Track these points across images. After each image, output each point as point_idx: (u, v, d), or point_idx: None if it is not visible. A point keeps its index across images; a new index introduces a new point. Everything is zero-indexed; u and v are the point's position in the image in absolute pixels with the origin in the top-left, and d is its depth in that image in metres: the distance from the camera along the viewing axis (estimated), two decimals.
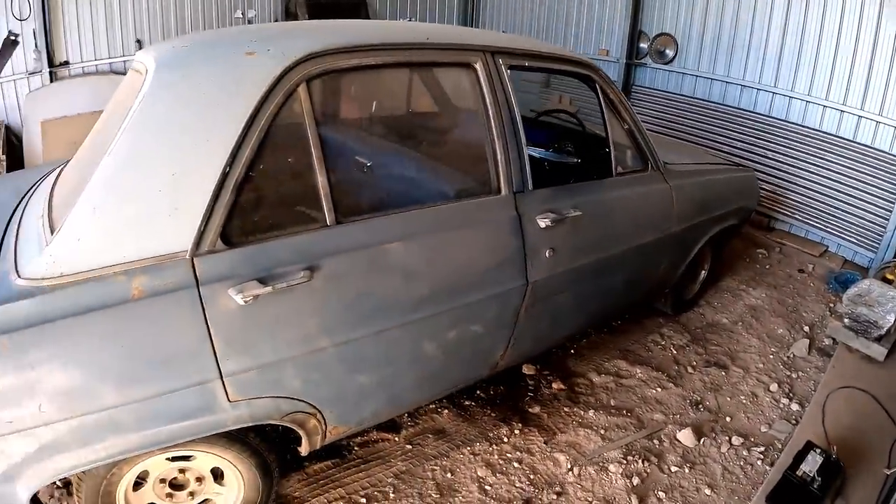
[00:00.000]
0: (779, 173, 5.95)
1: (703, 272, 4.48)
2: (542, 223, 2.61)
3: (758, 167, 5.82)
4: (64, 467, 1.90)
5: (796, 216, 5.94)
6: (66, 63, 6.61)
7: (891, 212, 5.15)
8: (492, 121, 2.50)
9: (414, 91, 3.09)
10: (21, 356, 1.72)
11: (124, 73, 6.87)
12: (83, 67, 6.72)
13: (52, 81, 6.50)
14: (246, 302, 1.88)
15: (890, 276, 4.76)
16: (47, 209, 2.13)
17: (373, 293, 2.21)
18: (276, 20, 7.43)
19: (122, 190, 1.83)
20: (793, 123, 5.76)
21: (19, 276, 1.81)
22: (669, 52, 6.79)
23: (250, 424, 2.14)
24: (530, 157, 2.74)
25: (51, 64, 6.48)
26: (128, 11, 6.78)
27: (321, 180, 2.05)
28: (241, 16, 7.30)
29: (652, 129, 6.83)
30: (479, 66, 2.48)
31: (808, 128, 5.66)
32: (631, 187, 3.20)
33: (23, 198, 2.59)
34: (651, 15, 6.92)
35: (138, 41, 6.82)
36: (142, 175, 1.84)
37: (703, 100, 6.51)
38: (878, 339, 3.79)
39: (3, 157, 5.97)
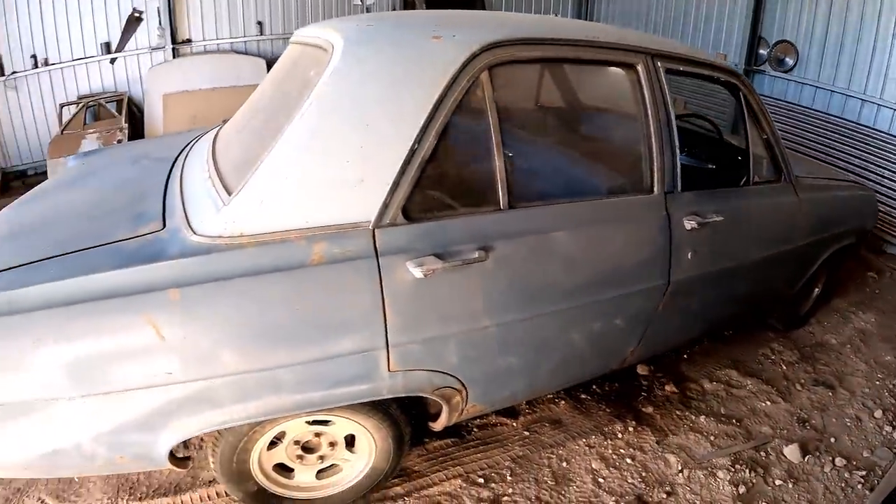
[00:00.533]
0: (894, 195, 5.76)
1: (817, 290, 4.40)
2: (688, 225, 2.64)
3: (874, 186, 5.58)
4: (214, 422, 2.01)
5: None
6: (189, 41, 6.92)
7: None
8: (650, 122, 2.54)
9: (579, 87, 3.13)
10: (190, 309, 1.83)
11: (245, 53, 7.27)
12: (205, 45, 7.03)
13: (174, 58, 6.81)
14: (425, 275, 1.96)
15: None
16: (215, 172, 2.24)
17: (536, 278, 2.29)
18: (394, 9, 7.58)
19: (309, 158, 1.93)
20: None
21: (194, 233, 1.92)
22: (789, 61, 6.60)
23: (402, 395, 2.24)
24: None
25: (174, 41, 6.80)
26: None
27: (498, 165, 2.13)
28: (359, 2, 7.46)
29: None
30: (640, 68, 2.53)
31: None
32: (765, 197, 3.19)
33: (174, 163, 2.73)
34: (772, 21, 6.73)
35: (259, 23, 7.08)
36: (330, 145, 1.95)
37: (822, 112, 6.29)
38: None
39: (126, 125, 6.28)
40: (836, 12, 6.01)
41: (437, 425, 2.55)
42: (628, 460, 3.00)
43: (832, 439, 3.32)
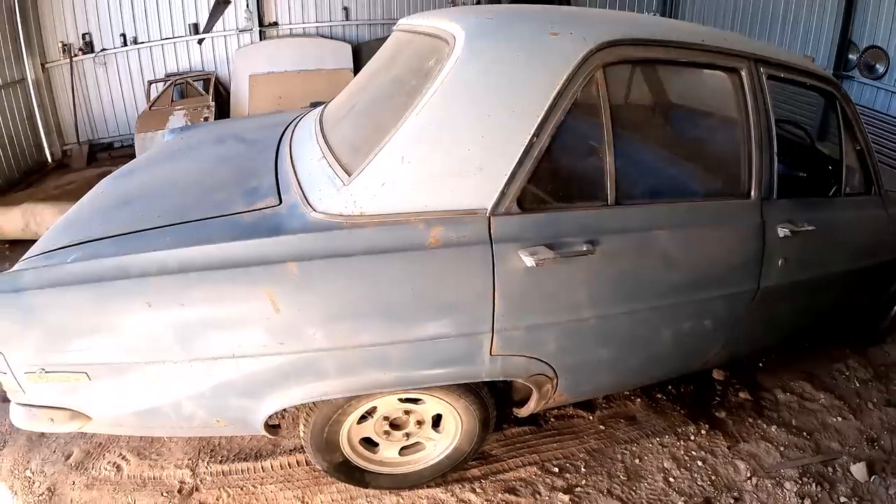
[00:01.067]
0: None
1: None
2: (782, 232, 2.66)
3: None
4: (316, 393, 2.13)
5: None
6: (275, 24, 7.11)
7: None
8: (751, 127, 2.57)
9: (684, 89, 3.19)
10: (308, 284, 1.93)
11: (330, 38, 7.40)
12: (290, 29, 7.21)
13: (261, 40, 7.00)
14: (538, 265, 2.03)
15: None
16: (329, 153, 2.34)
17: (637, 274, 2.35)
18: (479, 1, 7.65)
19: (431, 144, 2.02)
20: None
21: (314, 210, 2.02)
22: (880, 68, 6.43)
23: (500, 379, 2.32)
24: None
25: (260, 24, 6.99)
26: None
27: (609, 163, 2.20)
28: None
29: None
30: (744, 73, 2.56)
31: None
32: (855, 209, 3.19)
33: (280, 141, 2.84)
34: (862, 25, 6.57)
35: (345, 9, 7.23)
36: (452, 133, 2.03)
37: None
38: None
39: (213, 103, 6.49)
40: None
41: (524, 411, 2.63)
42: (699, 462, 3.05)
43: None
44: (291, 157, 2.55)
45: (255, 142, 2.94)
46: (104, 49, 6.99)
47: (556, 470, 2.90)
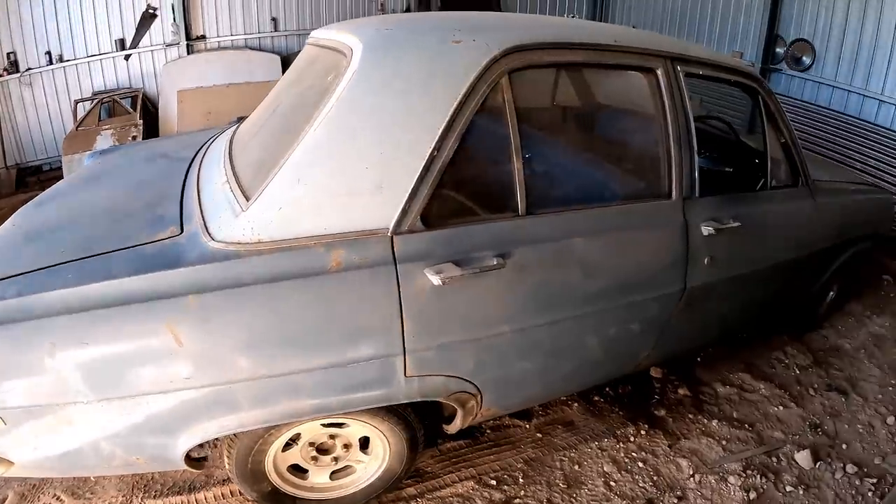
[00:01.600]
0: None
1: (832, 294, 4.38)
2: (706, 231, 2.63)
3: (890, 188, 5.53)
4: (231, 426, 2.03)
5: None
6: (203, 37, 6.95)
7: None
8: (669, 127, 2.53)
9: (599, 91, 3.14)
10: (209, 316, 1.84)
11: (259, 49, 7.28)
12: (219, 42, 7.05)
13: (188, 54, 6.83)
14: (444, 283, 1.96)
15: None
16: (232, 176, 2.24)
17: (553, 284, 2.29)
18: (408, 6, 7.56)
19: (328, 163, 1.93)
20: None
21: (212, 239, 1.93)
22: (806, 60, 6.55)
23: (418, 400, 2.24)
24: None
25: (188, 37, 6.82)
26: None
27: (517, 171, 2.13)
28: (381, 6, 7.46)
29: None
30: (660, 72, 2.51)
31: None
32: (783, 202, 3.18)
33: (190, 164, 2.73)
34: (789, 19, 6.68)
35: (273, 19, 7.10)
36: (349, 151, 1.95)
37: (838, 112, 6.25)
38: None
39: (140, 121, 6.31)
40: (854, 11, 5.96)
41: (451, 428, 2.56)
42: (640, 464, 3.00)
43: (844, 446, 3.31)
44: (198, 182, 2.45)
45: (171, 164, 2.82)
46: (30, 68, 6.76)
47: (494, 482, 2.83)
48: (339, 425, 2.38)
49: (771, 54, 6.91)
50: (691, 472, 2.98)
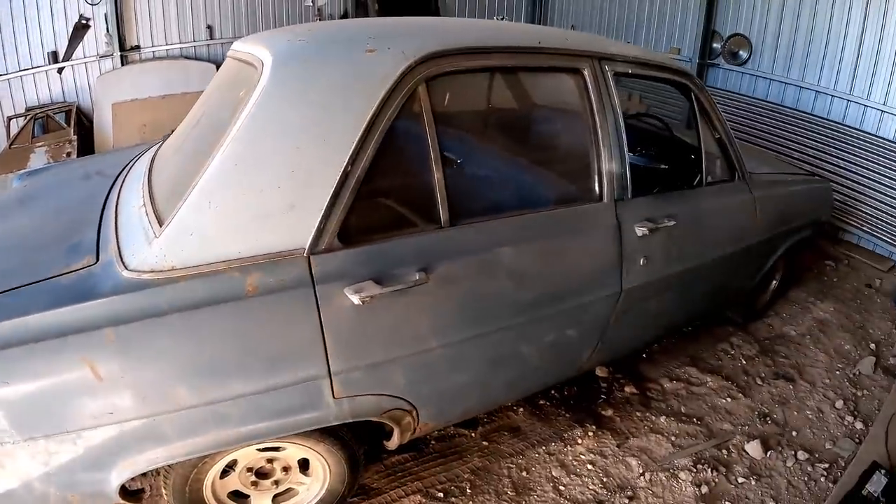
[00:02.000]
0: (850, 183, 5.75)
1: (775, 283, 4.40)
2: (640, 231, 2.59)
3: (829, 176, 5.66)
4: (160, 458, 1.94)
5: (865, 229, 5.74)
6: (137, 47, 6.73)
7: None
8: (598, 128, 2.49)
9: (523, 95, 3.08)
10: (126, 348, 1.74)
11: (195, 59, 7.11)
12: (154, 52, 6.84)
13: (123, 65, 6.61)
14: (363, 302, 1.88)
15: None
16: (149, 199, 2.13)
17: (483, 296, 2.22)
18: (346, 11, 7.45)
19: (239, 185, 1.84)
20: (866, 133, 5.56)
21: (126, 268, 1.82)
22: (743, 54, 6.57)
23: (350, 421, 2.17)
24: None
25: (122, 48, 6.60)
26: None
27: (438, 182, 2.06)
28: (311, 4, 7.32)
29: None
30: (587, 73, 2.47)
31: (882, 138, 5.45)
32: (719, 197, 3.17)
33: (112, 185, 2.60)
34: (725, 14, 6.70)
35: (209, 27, 6.91)
36: (260, 170, 1.85)
37: (776, 104, 6.30)
38: None
39: (75, 137, 6.11)
40: (790, 5, 6.00)
41: (391, 445, 2.48)
42: (589, 466, 2.96)
43: (794, 433, 3.32)
44: (117, 205, 2.33)
45: (95, 185, 2.68)
46: None
47: (441, 495, 2.76)
48: (276, 449, 2.29)
49: (708, 50, 6.94)
50: (641, 471, 2.95)
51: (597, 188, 2.53)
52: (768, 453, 3.13)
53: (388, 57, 1.99)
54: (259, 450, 2.26)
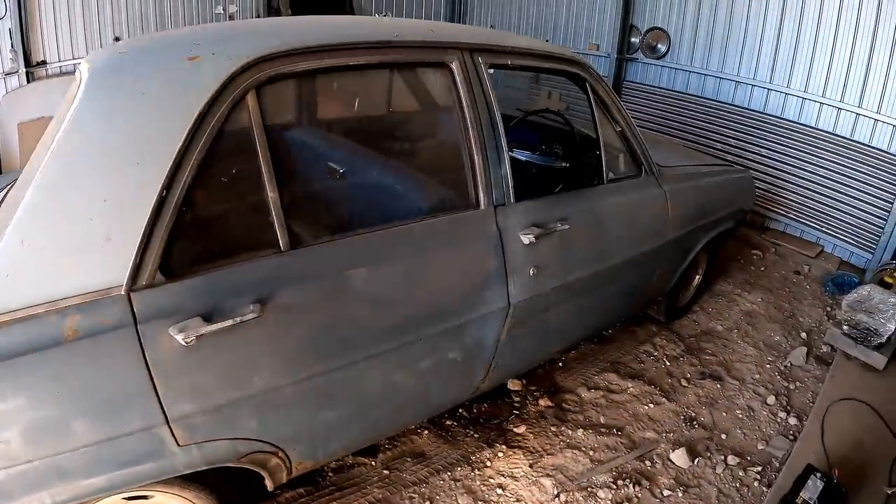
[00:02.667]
0: (774, 171, 5.74)
1: (698, 277, 4.25)
2: (526, 239, 2.37)
3: (752, 165, 5.63)
4: None
5: (791, 216, 5.73)
6: (44, 63, 6.33)
7: (888, 212, 4.97)
8: (469, 127, 2.25)
9: (381, 96, 2.83)
10: None
11: None
12: (61, 67, 6.43)
13: (28, 82, 6.22)
14: (187, 343, 1.64)
15: (889, 280, 4.59)
16: None
17: (335, 325, 1.96)
18: (259, 16, 7.14)
19: (51, 219, 1.59)
20: (788, 121, 5.55)
21: None
22: (662, 47, 6.53)
23: (204, 468, 1.91)
24: (515, 160, 2.49)
25: (27, 64, 6.20)
26: (106, 9, 6.48)
27: (273, 201, 1.80)
28: (222, 11, 7.02)
29: (643, 126, 6.61)
30: (455, 66, 2.23)
31: (803, 125, 5.44)
32: (624, 194, 2.97)
33: None
34: (642, 8, 6.65)
35: (116, 38, 6.54)
36: (71, 201, 1.60)
37: (696, 96, 6.27)
38: (878, 348, 3.59)
39: None
40: None
41: (269, 486, 2.23)
42: (499, 491, 2.73)
43: (723, 436, 3.15)
44: None
45: None
46: None
47: None
48: (144, 497, 2.01)
49: (626, 44, 6.87)
50: (556, 492, 2.74)
51: (472, 194, 2.29)
52: (696, 461, 2.95)
53: (210, 63, 1.74)
54: (126, 499, 1.98)
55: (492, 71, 2.34)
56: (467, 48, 2.28)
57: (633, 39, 6.82)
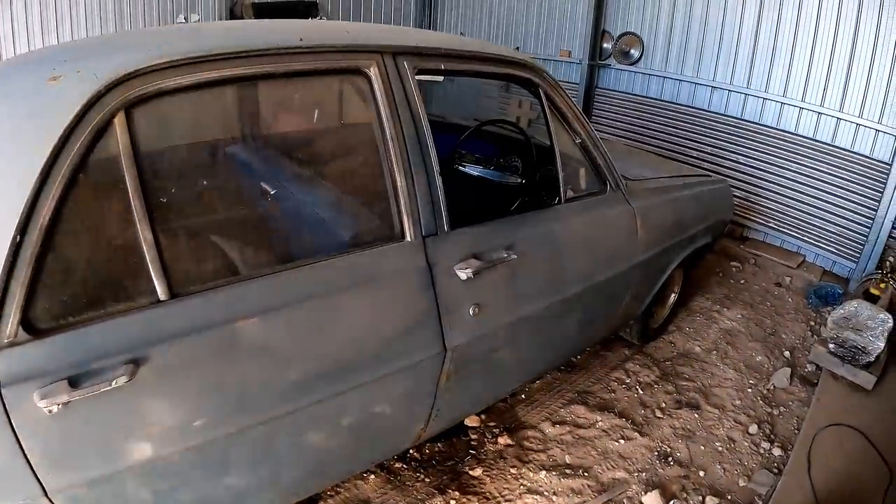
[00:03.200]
0: (752, 179, 5.54)
1: (674, 295, 3.99)
2: (463, 274, 2.07)
3: (730, 173, 5.45)
4: None
5: (771, 224, 5.54)
6: None
7: (871, 219, 4.78)
8: (391, 144, 1.94)
9: (284, 111, 2.48)
10: None
11: None
12: None
13: None
14: (50, 412, 1.37)
15: (875, 291, 4.38)
16: None
17: (225, 386, 1.66)
18: (220, 18, 6.87)
19: None
20: (767, 127, 5.36)
21: None
22: (635, 53, 6.34)
23: None
24: (466, 178, 2.18)
25: None
26: (65, 16, 6.22)
27: (147, 241, 1.51)
28: (184, 21, 6.76)
29: (616, 135, 6.51)
30: (373, 72, 1.93)
31: (783, 131, 5.26)
32: (585, 214, 2.69)
33: None
34: (615, 13, 6.45)
35: None
36: None
37: (671, 102, 6.08)
38: (867, 367, 3.41)
39: None
40: (682, 1, 5.80)
41: None
42: None
43: (701, 473, 2.90)
44: None
45: None
46: None
47: None
48: None
49: (599, 50, 6.67)
50: None
51: (396, 224, 1.99)
52: (671, 502, 2.67)
53: (72, 83, 1.45)
54: None
55: (419, 77, 2.05)
56: (389, 51, 1.98)
57: (605, 45, 6.63)
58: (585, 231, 2.70)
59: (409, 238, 1.98)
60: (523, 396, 3.32)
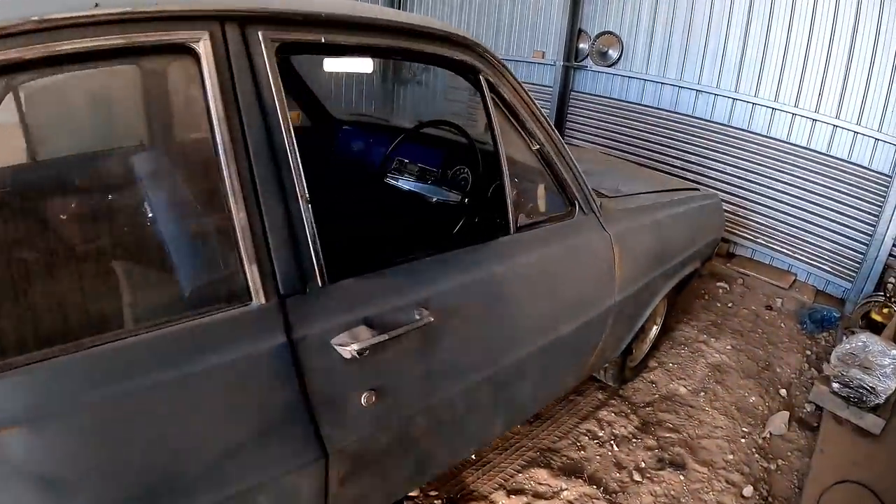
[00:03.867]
0: (740, 191, 4.85)
1: (655, 328, 3.19)
2: (346, 352, 1.24)
3: (716, 184, 4.76)
4: None
5: (760, 240, 4.84)
6: None
7: (870, 235, 4.12)
8: (226, 157, 1.12)
9: (65, 120, 1.38)
10: None
11: None
12: None
13: None
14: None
15: (877, 317, 3.69)
16: None
17: None
18: None
19: None
20: (756, 134, 4.68)
21: None
22: (613, 54, 5.62)
23: None
24: (397, 193, 1.40)
25: None
26: None
27: None
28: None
29: (593, 142, 5.78)
30: (202, 49, 1.11)
31: (774, 139, 4.58)
32: (545, 246, 1.88)
33: None
34: (592, 11, 5.73)
35: None
36: None
37: (652, 107, 5.38)
38: (874, 409, 2.78)
39: None
40: None
41: None
42: None
43: None
44: None
45: None
46: None
47: None
48: None
49: (574, 51, 5.95)
50: None
51: (238, 279, 1.16)
52: None
53: None
54: None
55: (280, 56, 1.21)
56: (232, 17, 1.15)
57: (581, 45, 5.90)
58: (546, 269, 1.89)
59: (256, 301, 1.17)
60: (473, 457, 2.48)
